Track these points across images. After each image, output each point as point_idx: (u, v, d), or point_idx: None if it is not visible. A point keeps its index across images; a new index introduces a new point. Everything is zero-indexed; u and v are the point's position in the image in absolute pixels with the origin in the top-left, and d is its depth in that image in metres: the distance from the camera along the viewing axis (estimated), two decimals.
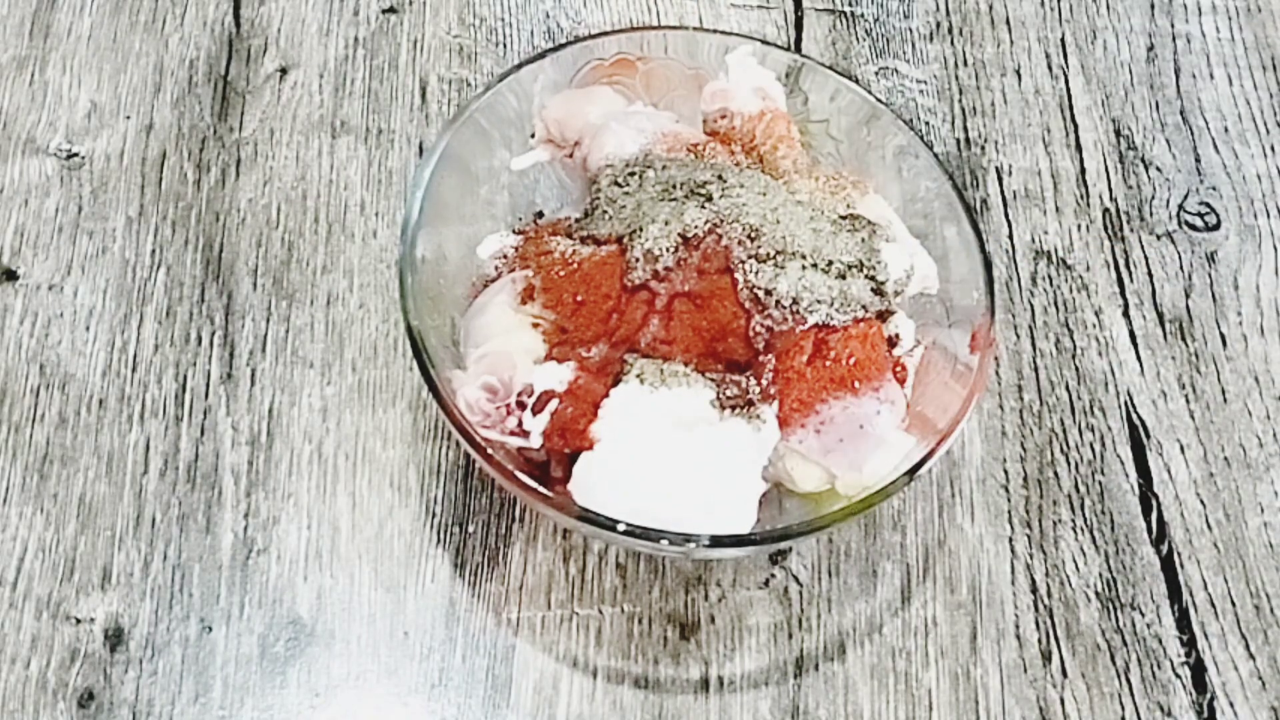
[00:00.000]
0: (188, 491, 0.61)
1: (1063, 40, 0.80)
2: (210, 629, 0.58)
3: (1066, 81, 0.78)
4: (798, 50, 0.76)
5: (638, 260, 0.56)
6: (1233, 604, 0.62)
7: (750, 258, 0.56)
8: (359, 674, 0.57)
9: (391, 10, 0.76)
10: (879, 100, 0.63)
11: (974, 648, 0.60)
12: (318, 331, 0.65)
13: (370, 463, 0.62)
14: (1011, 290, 0.70)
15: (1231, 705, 0.59)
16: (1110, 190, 0.74)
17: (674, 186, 0.58)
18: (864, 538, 0.62)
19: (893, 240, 0.59)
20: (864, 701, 0.58)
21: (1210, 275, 0.72)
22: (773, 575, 0.61)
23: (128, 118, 0.71)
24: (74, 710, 0.55)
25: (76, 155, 0.70)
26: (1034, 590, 0.61)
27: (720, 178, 0.58)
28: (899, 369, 0.58)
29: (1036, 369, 0.68)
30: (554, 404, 0.54)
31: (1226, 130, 0.77)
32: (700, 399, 0.55)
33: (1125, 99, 0.78)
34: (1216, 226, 0.74)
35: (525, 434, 0.54)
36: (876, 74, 0.77)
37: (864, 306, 0.57)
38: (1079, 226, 0.73)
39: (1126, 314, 0.70)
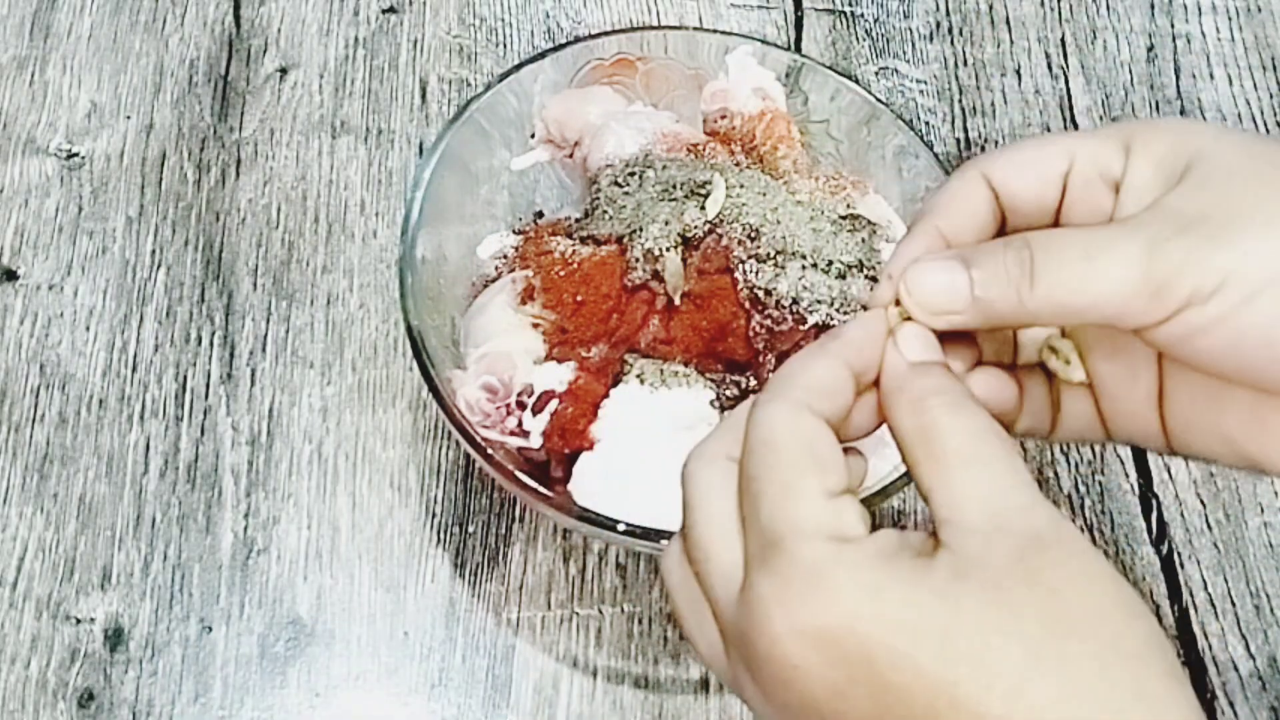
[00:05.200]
0: (188, 491, 0.61)
1: (1063, 40, 0.80)
2: (210, 629, 0.58)
3: (1066, 81, 0.78)
4: (798, 50, 0.76)
5: (638, 260, 0.56)
6: (1233, 604, 0.62)
7: (750, 258, 0.56)
8: (359, 674, 0.57)
9: (391, 10, 0.76)
10: (879, 100, 0.63)
11: None
12: (318, 331, 0.65)
13: (370, 463, 0.62)
14: None
15: (1231, 705, 0.59)
16: None
17: (674, 186, 0.58)
18: None
19: (893, 240, 0.59)
20: None
21: None
22: None
23: (128, 118, 0.71)
24: (74, 710, 0.55)
25: (76, 155, 0.70)
26: None
27: (720, 178, 0.58)
28: None
29: None
30: (554, 404, 0.54)
31: None
32: (700, 399, 0.55)
33: (1125, 99, 0.78)
34: None
35: (525, 434, 0.54)
36: (876, 74, 0.77)
37: (864, 307, 0.56)
38: None
39: None
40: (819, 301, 0.56)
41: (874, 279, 0.57)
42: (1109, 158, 0.36)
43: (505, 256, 0.60)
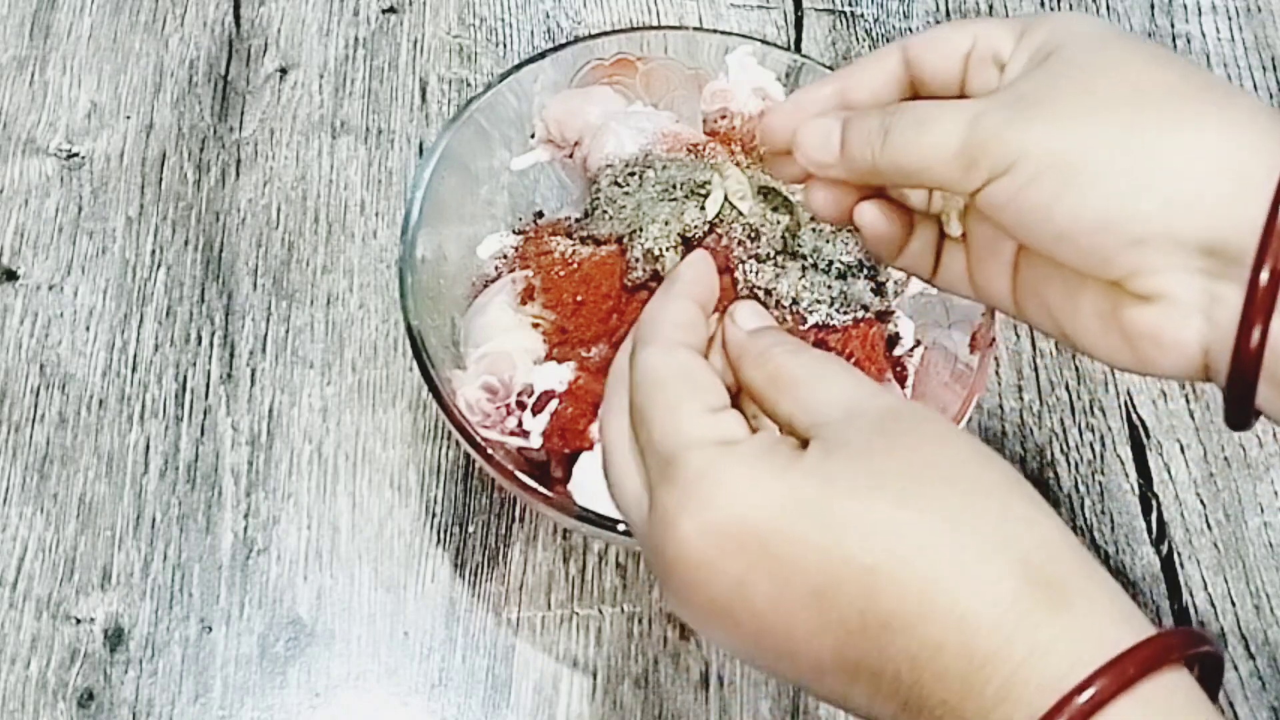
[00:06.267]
0: (188, 491, 0.61)
1: None
2: (210, 629, 0.58)
3: None
4: (798, 50, 0.76)
5: (638, 260, 0.56)
6: (1233, 604, 0.62)
7: (750, 258, 0.56)
8: (359, 674, 0.57)
9: (391, 10, 0.76)
10: None
11: None
12: (318, 331, 0.65)
13: (370, 463, 0.62)
14: None
15: (1231, 705, 0.59)
16: None
17: (674, 186, 0.58)
18: None
19: None
20: None
21: None
22: None
23: (128, 118, 0.71)
24: (74, 710, 0.55)
25: (76, 155, 0.70)
26: None
27: (720, 177, 0.58)
28: (899, 369, 0.58)
29: (1036, 369, 0.68)
30: (554, 404, 0.54)
31: None
32: None
33: None
34: None
35: (525, 434, 0.54)
36: None
37: (864, 306, 0.57)
38: None
39: None
40: (819, 301, 0.56)
41: (874, 279, 0.57)
42: (1002, 41, 0.41)
43: (505, 256, 0.60)
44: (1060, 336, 0.42)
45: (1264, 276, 0.35)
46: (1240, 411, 0.38)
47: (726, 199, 0.57)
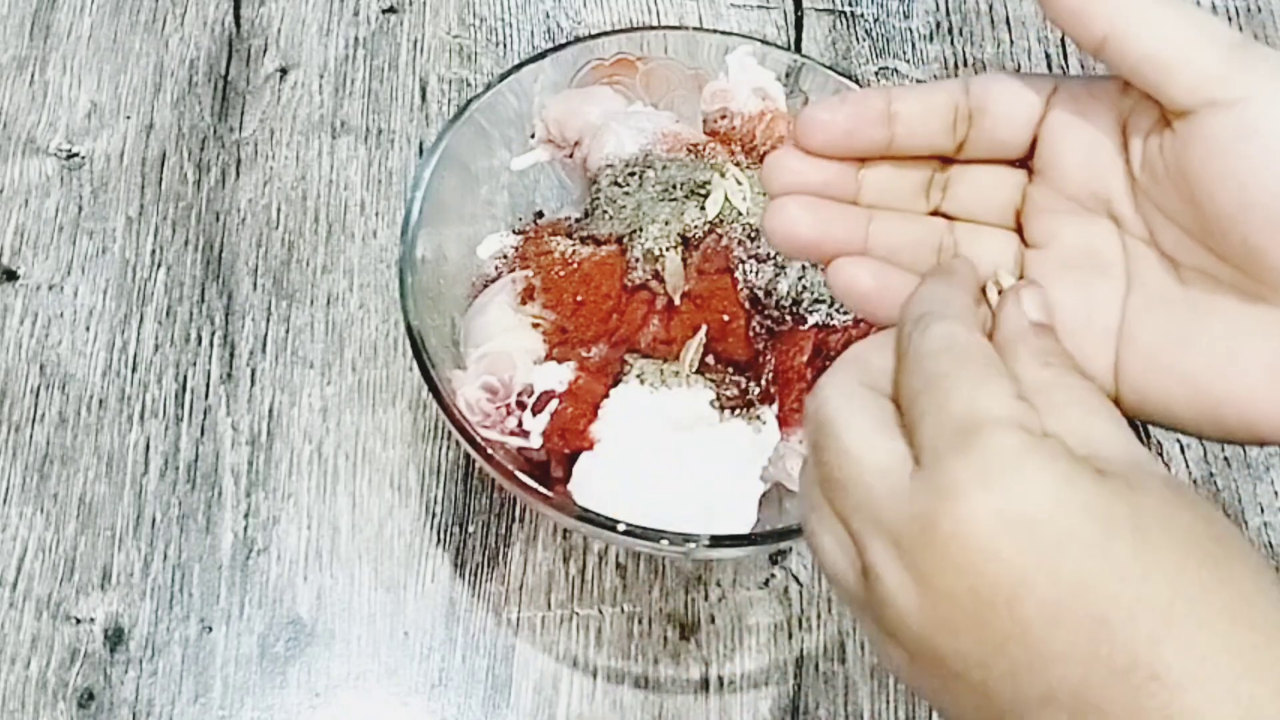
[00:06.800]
0: (188, 491, 0.61)
1: (1063, 40, 0.80)
2: (210, 629, 0.58)
3: None
4: (798, 50, 0.76)
5: (638, 260, 0.56)
6: None
7: (750, 258, 0.56)
8: (359, 674, 0.57)
9: (391, 10, 0.76)
10: None
11: None
12: (318, 331, 0.65)
13: (370, 463, 0.62)
14: None
15: None
16: None
17: (674, 186, 0.58)
18: None
19: None
20: (864, 701, 0.58)
21: None
22: (773, 575, 0.61)
23: (128, 118, 0.71)
24: (74, 710, 0.55)
25: (76, 155, 0.70)
26: None
27: (720, 177, 0.58)
28: None
29: None
30: (554, 404, 0.54)
31: None
32: (700, 399, 0.55)
33: None
34: None
35: (525, 434, 0.54)
36: (876, 74, 0.77)
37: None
38: None
39: None
40: (819, 301, 0.56)
41: None
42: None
43: (505, 256, 0.60)
44: (1198, 407, 0.36)
45: None
46: None
47: (726, 199, 0.57)
